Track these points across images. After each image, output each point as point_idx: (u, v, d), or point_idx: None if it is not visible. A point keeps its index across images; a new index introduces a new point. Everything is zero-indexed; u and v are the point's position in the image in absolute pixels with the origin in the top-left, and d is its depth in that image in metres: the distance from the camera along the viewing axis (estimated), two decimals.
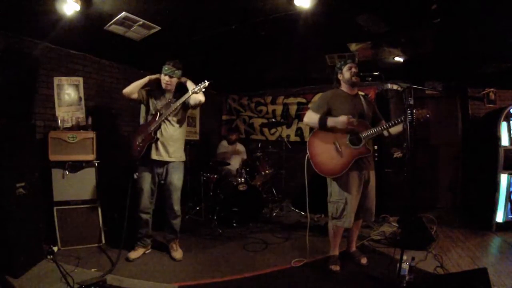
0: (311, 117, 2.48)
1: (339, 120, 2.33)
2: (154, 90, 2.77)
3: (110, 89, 3.83)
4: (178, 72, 2.67)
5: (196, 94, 2.54)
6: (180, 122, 2.74)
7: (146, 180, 2.68)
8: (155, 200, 2.81)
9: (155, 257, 2.77)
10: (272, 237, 3.37)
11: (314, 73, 4.55)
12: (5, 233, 2.28)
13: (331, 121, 2.37)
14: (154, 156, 2.61)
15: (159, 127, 2.61)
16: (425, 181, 4.59)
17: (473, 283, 1.82)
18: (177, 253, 2.76)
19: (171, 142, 2.66)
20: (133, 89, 2.65)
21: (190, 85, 2.65)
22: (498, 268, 2.48)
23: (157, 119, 2.60)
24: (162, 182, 2.72)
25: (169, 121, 2.66)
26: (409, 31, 2.87)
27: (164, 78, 2.65)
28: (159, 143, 2.61)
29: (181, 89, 2.74)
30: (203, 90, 2.53)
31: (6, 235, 2.28)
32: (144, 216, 2.75)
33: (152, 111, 2.69)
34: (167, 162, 2.67)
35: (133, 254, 2.69)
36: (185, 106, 2.70)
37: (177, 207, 2.76)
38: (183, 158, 2.79)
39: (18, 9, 2.38)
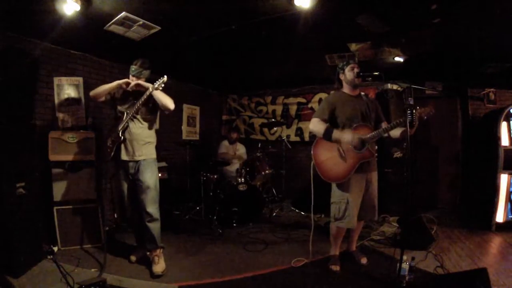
0: (316, 126, 2.43)
1: (344, 138, 2.30)
2: (119, 91, 2.64)
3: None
4: (146, 72, 2.53)
5: (156, 90, 2.40)
6: (148, 121, 2.61)
7: (124, 182, 2.59)
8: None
9: None
10: (272, 237, 3.37)
11: (314, 73, 4.55)
12: (5, 233, 2.29)
13: (336, 135, 2.33)
14: (124, 156, 2.52)
15: (126, 127, 2.52)
16: (425, 181, 4.59)
17: (473, 283, 1.82)
18: (158, 266, 2.45)
19: (140, 142, 2.55)
20: (100, 92, 2.55)
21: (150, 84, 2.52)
22: (498, 268, 2.48)
23: (123, 119, 2.52)
24: (139, 183, 2.53)
25: (137, 119, 2.55)
26: (409, 31, 2.87)
27: (132, 79, 2.50)
28: (127, 143, 2.52)
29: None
30: (163, 85, 2.40)
31: (6, 235, 2.29)
32: (135, 217, 2.67)
33: (119, 112, 2.60)
34: (137, 161, 2.54)
35: (134, 257, 2.68)
36: (154, 107, 2.57)
37: (151, 209, 2.51)
38: (154, 155, 2.65)
39: (18, 9, 2.38)
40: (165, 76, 2.40)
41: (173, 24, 2.79)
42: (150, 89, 2.41)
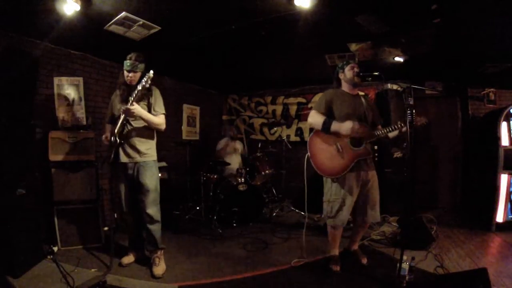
0: (315, 118, 2.43)
1: (344, 126, 2.29)
2: (117, 95, 2.61)
3: (110, 89, 3.82)
4: (141, 66, 2.44)
5: (145, 86, 2.25)
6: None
7: (122, 183, 2.51)
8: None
9: None
10: (272, 237, 3.37)
11: (314, 73, 4.55)
12: (5, 233, 2.29)
13: (335, 126, 2.33)
14: (123, 159, 2.46)
15: (123, 128, 2.45)
16: (425, 181, 4.59)
17: (473, 283, 1.82)
18: (158, 268, 2.45)
19: (139, 142, 2.47)
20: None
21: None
22: (498, 268, 2.48)
23: (120, 121, 2.43)
24: (139, 186, 2.47)
25: (134, 119, 2.45)
26: (409, 31, 2.87)
27: (128, 75, 2.42)
28: (125, 144, 2.46)
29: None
30: (150, 82, 2.24)
31: (6, 235, 2.29)
32: (129, 219, 2.62)
33: (115, 114, 2.53)
34: (136, 163, 2.47)
35: (126, 259, 2.59)
36: (149, 104, 2.49)
37: (151, 210, 2.47)
38: (154, 157, 2.57)
39: (18, 9, 2.38)
40: (151, 71, 2.25)
41: (173, 24, 2.79)
42: (139, 87, 2.27)
